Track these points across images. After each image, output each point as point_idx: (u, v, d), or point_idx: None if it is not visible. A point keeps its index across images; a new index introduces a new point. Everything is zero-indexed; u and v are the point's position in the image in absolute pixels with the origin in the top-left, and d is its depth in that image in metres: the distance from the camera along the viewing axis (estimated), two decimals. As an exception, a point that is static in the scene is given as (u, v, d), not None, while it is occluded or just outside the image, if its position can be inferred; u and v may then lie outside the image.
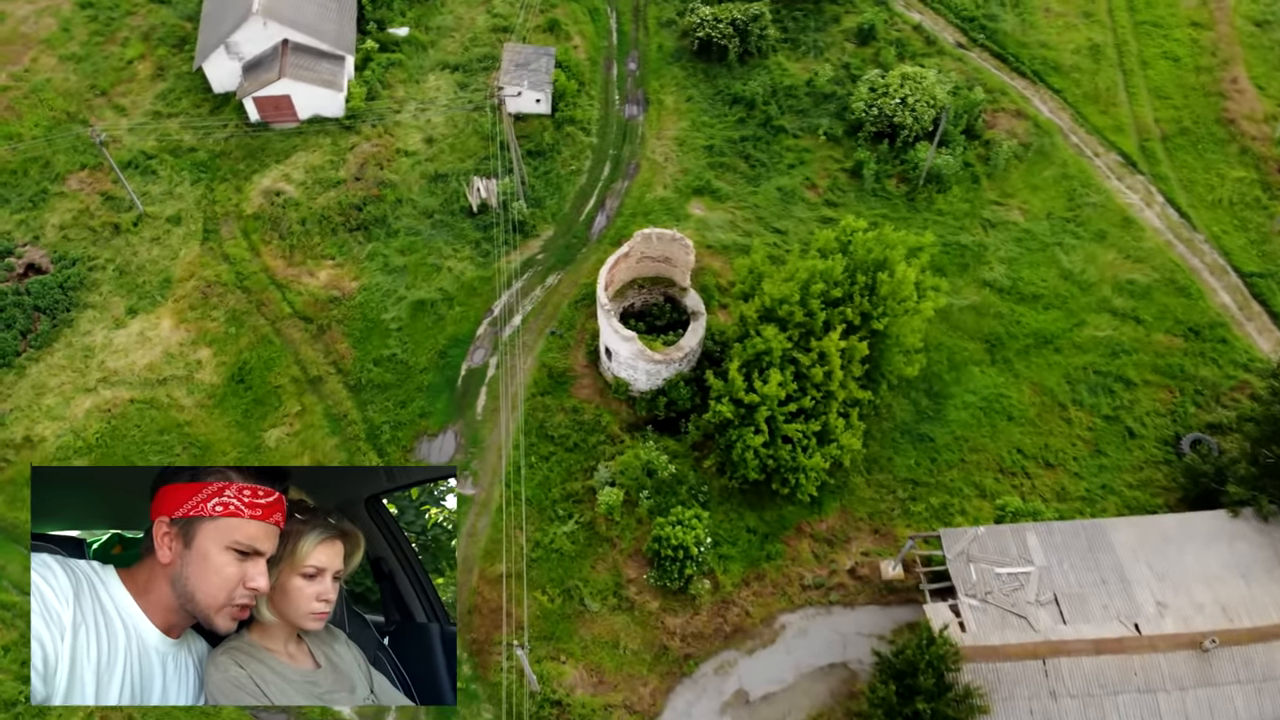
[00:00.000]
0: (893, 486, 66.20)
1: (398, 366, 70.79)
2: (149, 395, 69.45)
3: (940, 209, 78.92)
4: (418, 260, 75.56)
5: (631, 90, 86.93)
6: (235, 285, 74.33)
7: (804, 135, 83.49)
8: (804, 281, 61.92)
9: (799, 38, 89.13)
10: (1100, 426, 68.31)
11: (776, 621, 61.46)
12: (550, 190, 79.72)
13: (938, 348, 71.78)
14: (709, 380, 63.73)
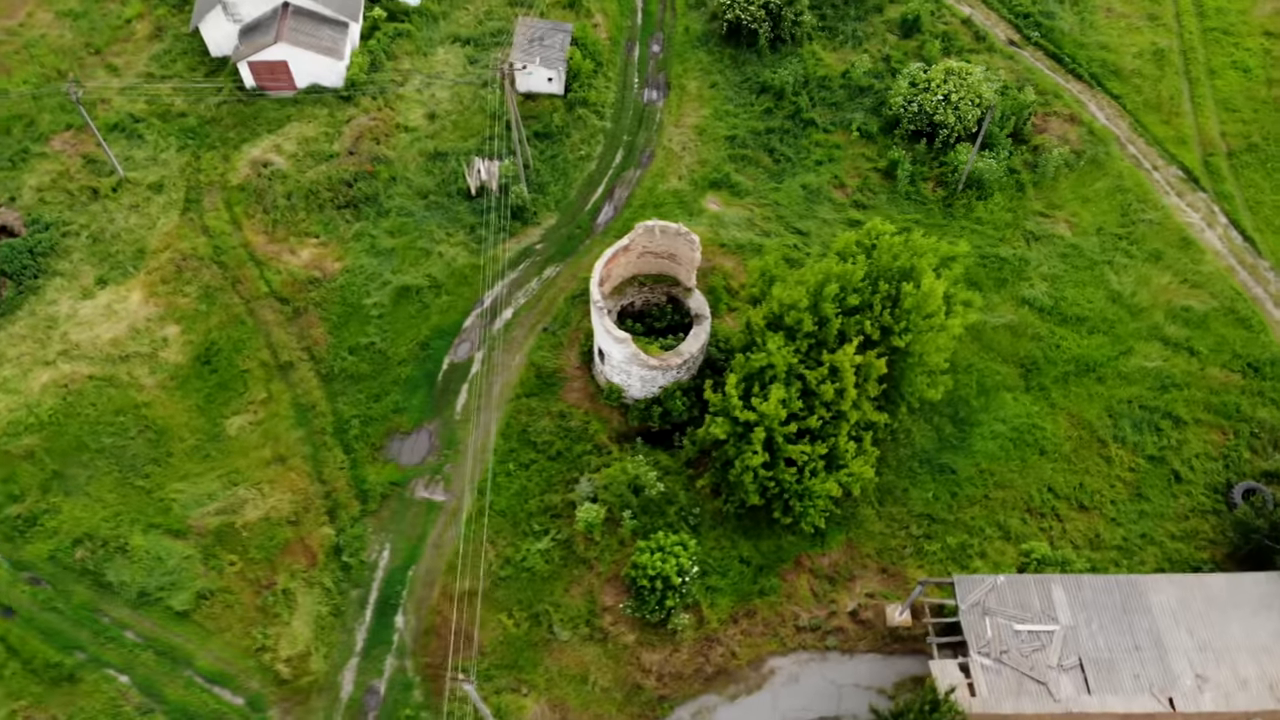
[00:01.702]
0: (906, 521, 59.72)
1: (375, 356, 65.43)
2: (109, 372, 64.67)
3: (979, 217, 72.13)
4: (407, 243, 70.17)
5: (653, 74, 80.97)
6: (212, 260, 69.39)
7: (835, 130, 77.03)
8: (817, 285, 55.68)
9: (837, 26, 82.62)
10: (1143, 468, 61.34)
11: (765, 665, 55.28)
12: (556, 176, 73.98)
13: (967, 369, 65.13)
14: (706, 393, 57.71)
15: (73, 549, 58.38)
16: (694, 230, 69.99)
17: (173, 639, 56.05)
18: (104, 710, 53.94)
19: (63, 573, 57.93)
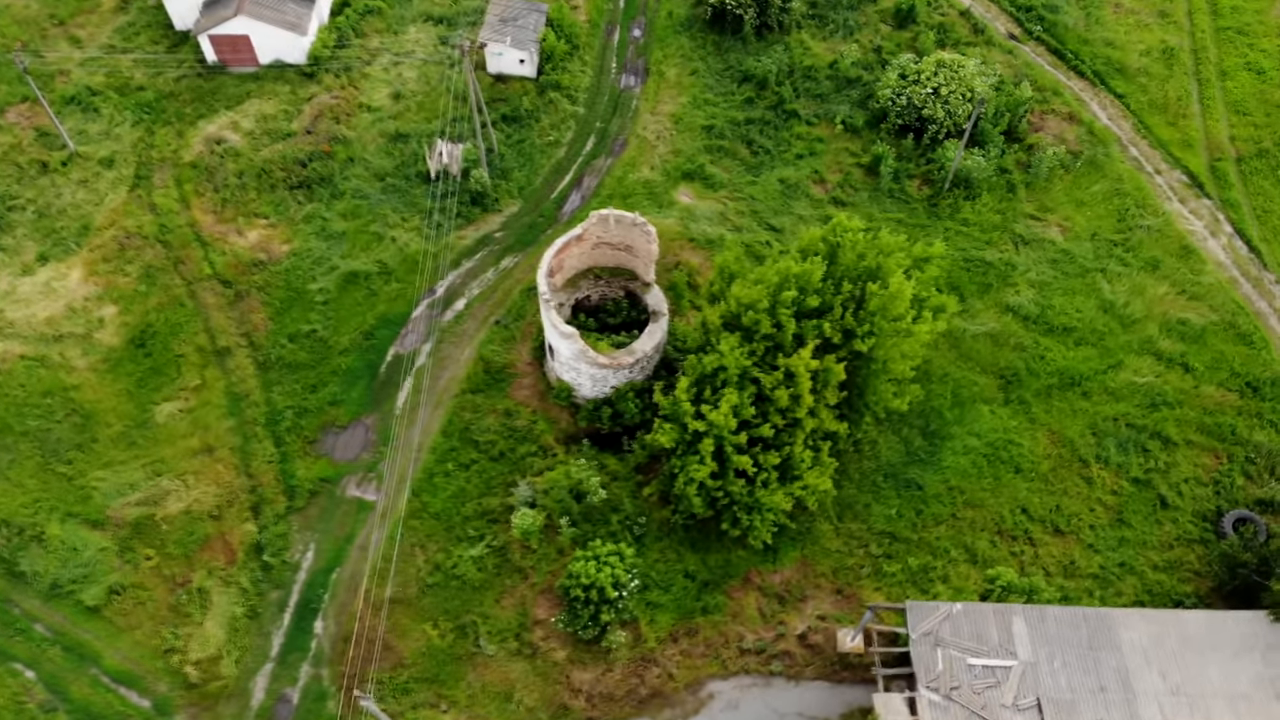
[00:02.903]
0: (866, 539, 55.75)
1: (316, 345, 62.19)
2: (41, 353, 61.80)
3: (966, 218, 67.93)
4: (359, 227, 66.91)
5: (632, 59, 77.30)
6: (156, 238, 66.41)
7: (819, 123, 73.02)
8: (775, 285, 51.90)
9: (828, 15, 78.55)
10: (1127, 491, 57.06)
11: (704, 689, 51.54)
12: (522, 161, 70.50)
13: (942, 379, 61.08)
14: (656, 396, 54.06)
15: (-14, 536, 55.61)
16: (663, 223, 66.54)
17: (82, 635, 53.05)
18: (6, 706, 51.02)
19: (-27, 560, 55.19)
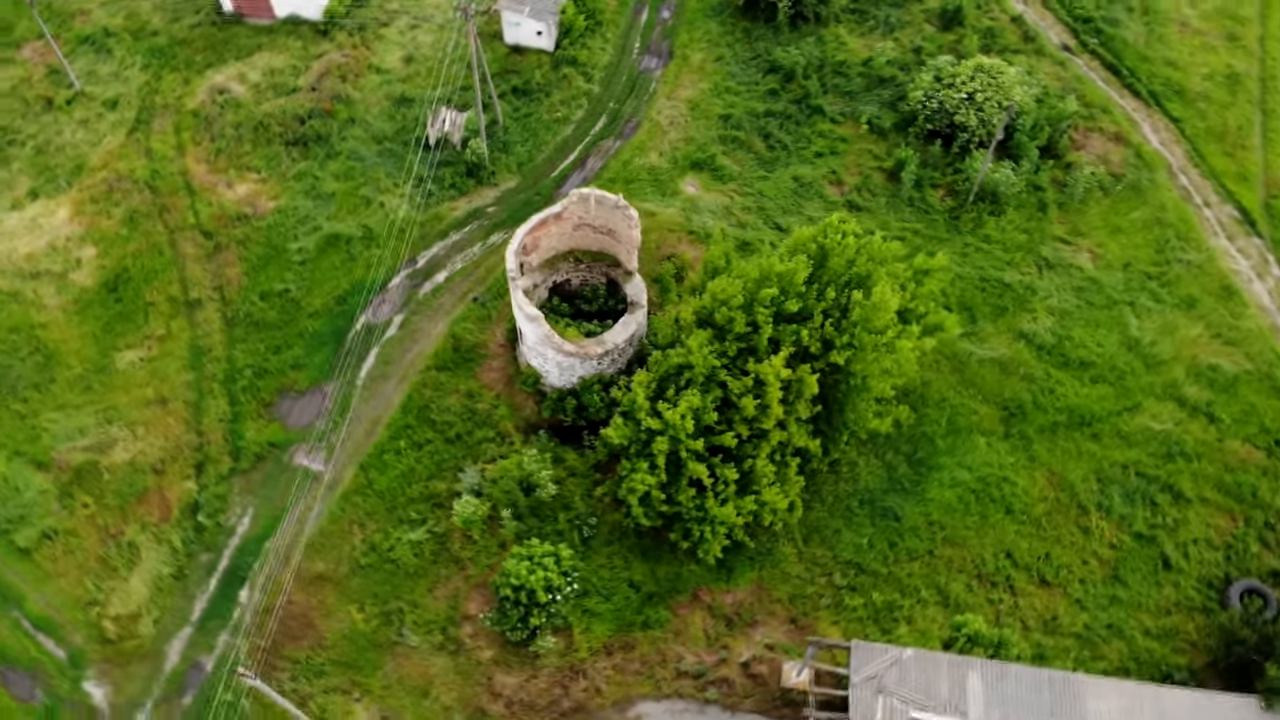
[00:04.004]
0: (831, 567, 51.59)
1: (286, 305, 60.10)
2: (15, 288, 60.82)
3: (988, 235, 63.09)
4: (350, 189, 64.68)
5: (657, 40, 73.84)
6: (146, 184, 65.04)
7: (844, 121, 68.74)
8: (754, 282, 48.14)
9: (869, 10, 74.13)
10: (1127, 545, 51.95)
11: (632, 709, 47.97)
12: (525, 136, 67.59)
13: (939, 404, 56.52)
14: (614, 391, 50.73)
15: (-70, 467, 54.61)
16: (663, 212, 63.16)
17: (9, 576, 51.63)
18: (-79, 642, 49.92)
19: (-86, 491, 54.18)
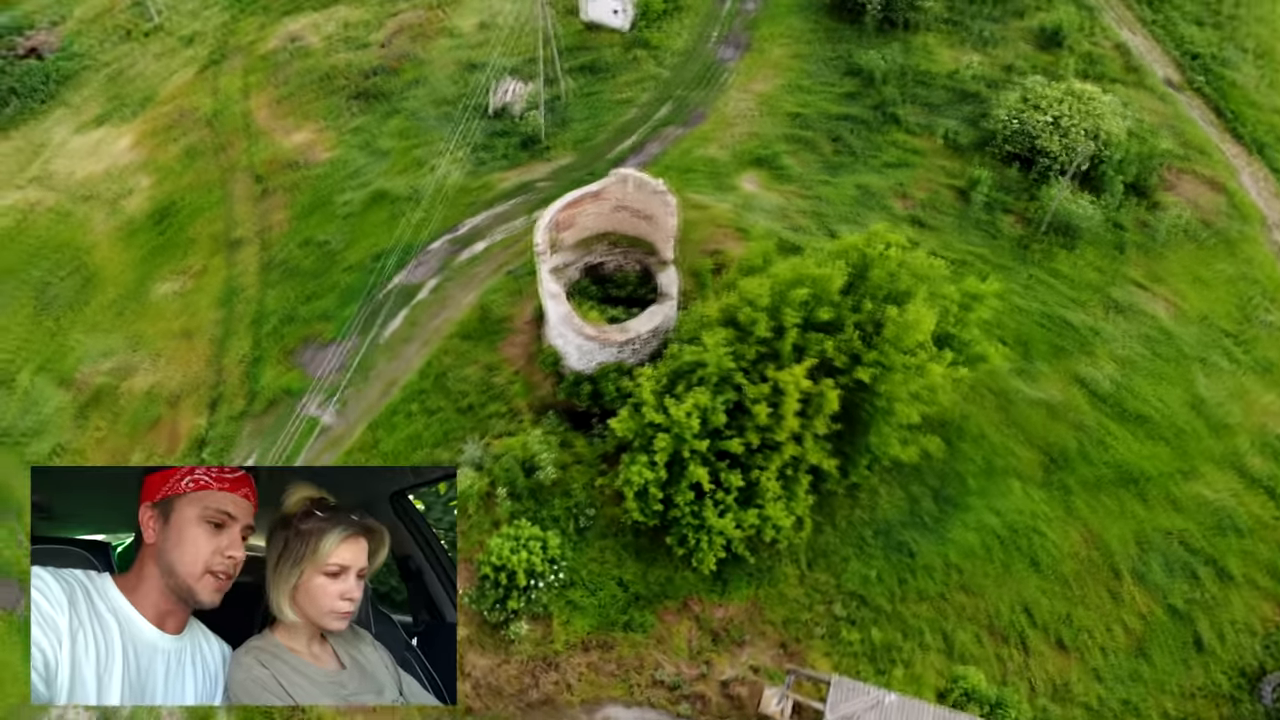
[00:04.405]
0: (832, 595, 48.71)
1: (324, 256, 59.75)
2: (69, 208, 61.90)
3: (1058, 269, 59.20)
4: (405, 148, 64.13)
5: (737, 31, 71.54)
6: (208, 121, 65.59)
7: (920, 133, 65.43)
8: (784, 284, 45.62)
9: (965, 21, 70.59)
10: (1159, 619, 47.86)
11: (600, 711, 45.93)
12: (587, 114, 66.07)
13: (976, 440, 53.10)
14: (624, 383, 48.79)
15: (-39, 371, 55.72)
16: (716, 207, 60.93)
17: (13, 486, 52.18)
18: (-77, 542, 50.80)
19: (-57, 392, 55.36)
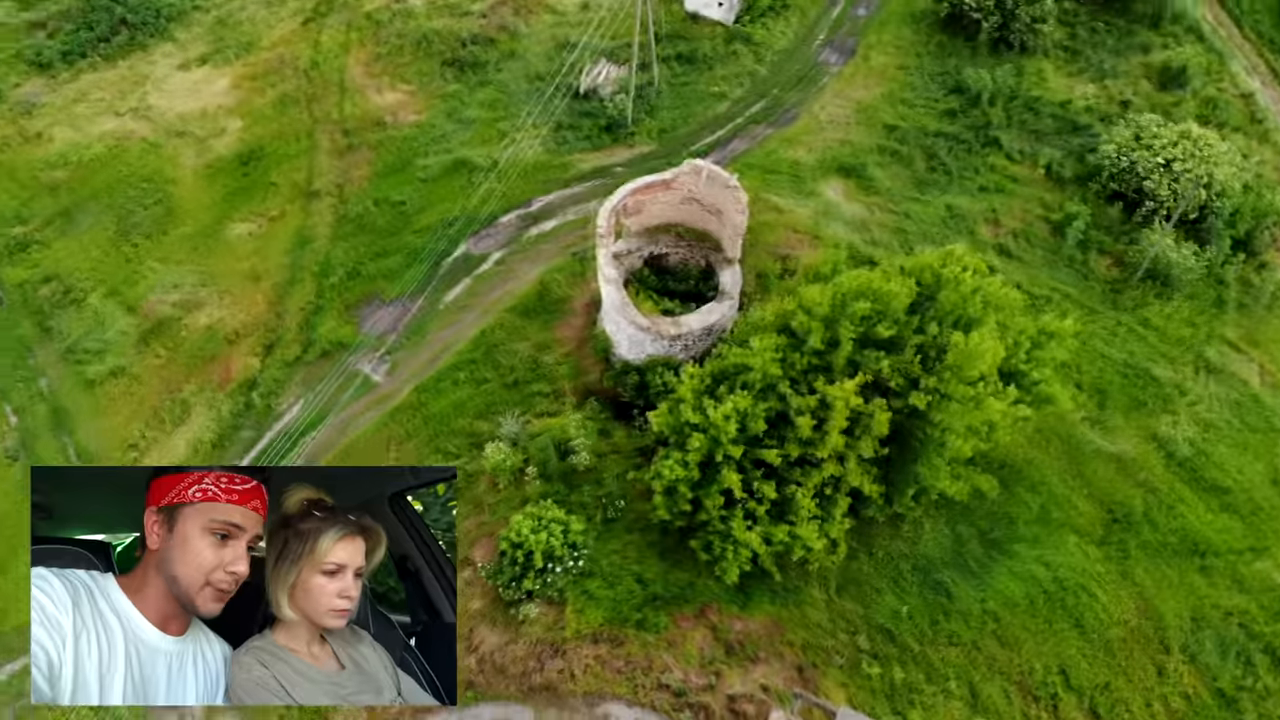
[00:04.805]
0: (858, 626, 46.64)
1: (397, 216, 59.96)
2: (161, 141, 63.55)
3: (1148, 319, 55.77)
4: (491, 119, 63.98)
5: (843, 36, 69.45)
6: (305, 72, 66.55)
7: (1021, 160, 62.42)
8: (845, 294, 43.78)
9: (1085, 51, 67.12)
10: (1204, 701, 44.51)
11: (601, 707, 44.79)
12: (677, 104, 64.92)
13: (1035, 487, 50.33)
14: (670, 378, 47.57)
15: (41, 284, 57.49)
16: (795, 211, 59.18)
17: (70, 403, 53.71)
18: (-19, 441, 52.59)
19: (22, 302, 57.22)
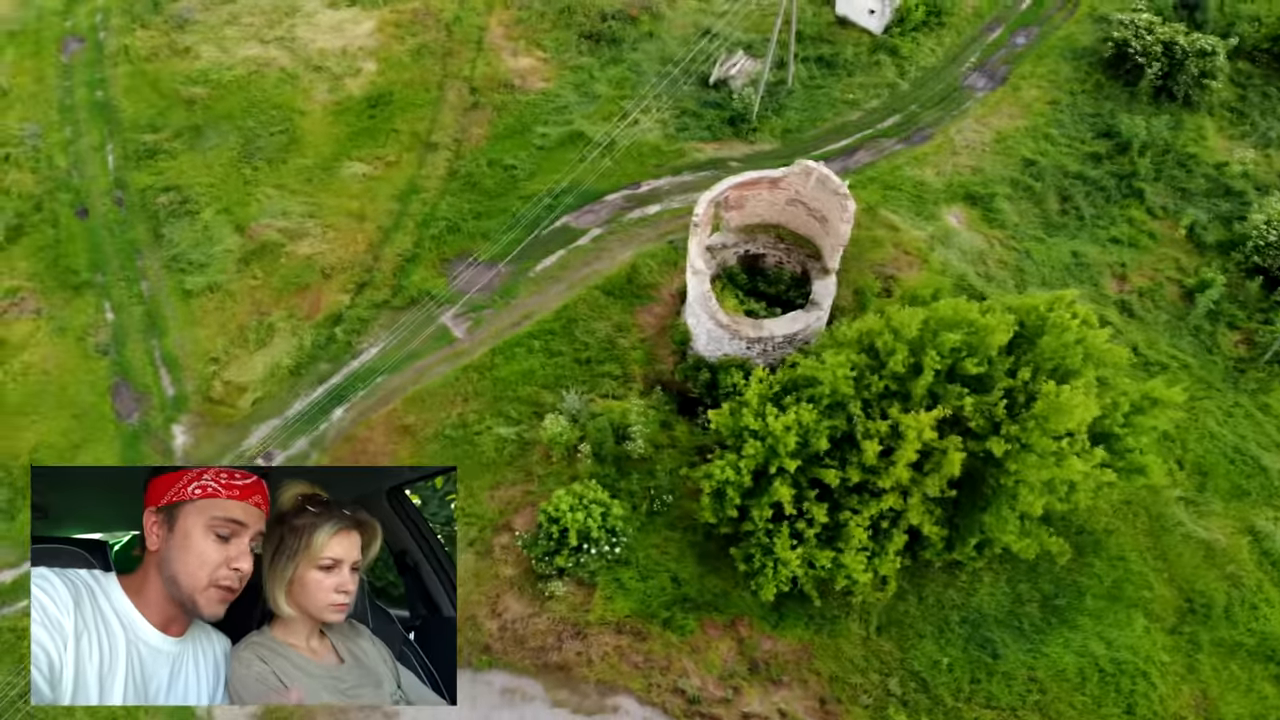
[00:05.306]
0: (893, 669, 44.33)
1: (507, 179, 60.02)
2: (298, 73, 65.22)
3: (1269, 404, 51.40)
4: (616, 96, 63.43)
5: (995, 63, 66.22)
6: (447, 26, 67.33)
7: (1163, 217, 58.38)
8: (938, 322, 41.56)
9: (1253, 115, 62.32)
10: (1259, 824, 40.71)
11: (613, 698, 43.84)
12: (807, 106, 63.05)
13: (1113, 560, 47.08)
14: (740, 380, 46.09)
15: (161, 193, 59.75)
16: (910, 233, 56.83)
17: (165, 309, 55.64)
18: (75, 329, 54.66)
19: (140, 208, 59.55)
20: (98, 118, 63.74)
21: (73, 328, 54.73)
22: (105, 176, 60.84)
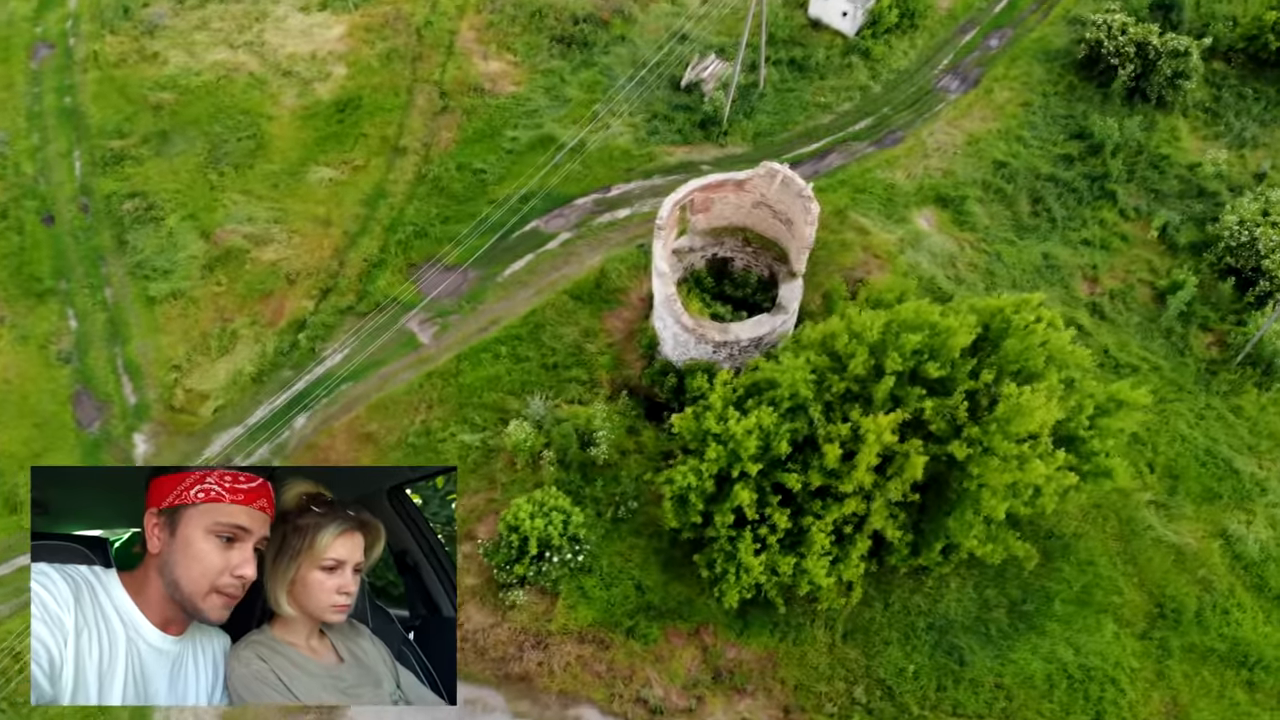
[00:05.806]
0: (858, 677, 43.77)
1: (475, 183, 59.53)
2: (267, 78, 64.66)
3: (1240, 407, 50.96)
4: (587, 100, 62.95)
5: (969, 65, 65.83)
6: (417, 30, 66.85)
7: (1135, 218, 58.01)
8: (899, 324, 41.12)
9: (1227, 116, 61.94)
10: (1229, 832, 40.14)
11: (575, 709, 43.21)
12: (778, 109, 62.63)
13: (1082, 565, 46.65)
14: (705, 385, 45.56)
15: (126, 199, 59.18)
16: (878, 235, 56.39)
17: (129, 316, 55.01)
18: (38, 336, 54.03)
19: (106, 214, 58.95)
20: (65, 124, 63.17)
21: (35, 335, 54.13)
22: (72, 183, 60.27)
